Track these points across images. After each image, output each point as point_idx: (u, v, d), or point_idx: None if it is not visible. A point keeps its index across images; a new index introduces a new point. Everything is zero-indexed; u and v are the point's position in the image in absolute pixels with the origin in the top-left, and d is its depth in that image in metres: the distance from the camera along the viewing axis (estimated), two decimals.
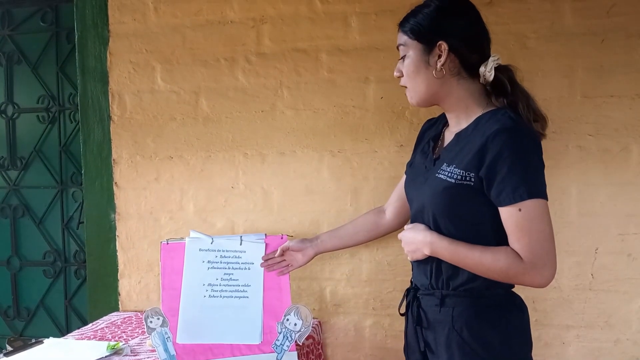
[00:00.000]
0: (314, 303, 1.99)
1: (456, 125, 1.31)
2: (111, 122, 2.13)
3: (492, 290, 1.26)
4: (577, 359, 1.79)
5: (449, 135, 1.34)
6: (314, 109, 1.96)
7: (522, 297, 1.34)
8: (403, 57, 1.30)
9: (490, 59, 1.26)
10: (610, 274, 1.76)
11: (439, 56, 1.24)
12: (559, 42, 1.76)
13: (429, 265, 1.31)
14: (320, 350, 1.91)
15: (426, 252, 1.27)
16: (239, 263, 1.62)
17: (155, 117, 2.10)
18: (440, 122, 1.43)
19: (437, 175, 1.26)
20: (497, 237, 1.22)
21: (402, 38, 1.30)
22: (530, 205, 1.14)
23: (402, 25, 1.31)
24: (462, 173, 1.20)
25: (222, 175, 2.05)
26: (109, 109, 2.13)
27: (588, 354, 1.78)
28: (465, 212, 1.23)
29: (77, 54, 2.17)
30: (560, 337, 1.80)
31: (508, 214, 1.17)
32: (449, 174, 1.22)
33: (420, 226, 1.31)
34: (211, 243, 1.63)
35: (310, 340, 1.80)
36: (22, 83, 2.45)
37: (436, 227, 1.28)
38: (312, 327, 1.59)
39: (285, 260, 1.64)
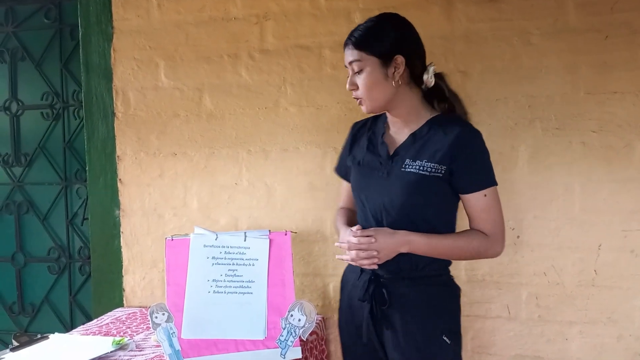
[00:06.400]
0: (318, 299, 2.00)
1: (404, 126, 1.46)
2: (115, 118, 2.14)
3: (443, 270, 1.47)
4: (579, 355, 1.80)
5: (399, 136, 1.47)
6: (317, 106, 1.96)
7: (526, 293, 1.38)
8: (358, 72, 1.40)
9: (430, 67, 1.42)
10: (613, 271, 1.76)
11: (396, 68, 1.38)
12: (562, 38, 1.76)
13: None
14: (324, 346, 1.92)
15: (404, 250, 1.38)
16: (243, 259, 1.62)
17: (159, 113, 2.10)
18: (373, 124, 1.56)
19: (403, 169, 1.40)
20: (453, 221, 1.45)
21: (357, 54, 1.40)
22: (492, 190, 1.39)
23: (354, 44, 1.41)
24: (435, 166, 1.37)
25: (226, 171, 2.05)
26: (113, 105, 2.14)
27: (591, 350, 1.79)
28: (432, 199, 1.40)
29: (80, 50, 2.17)
30: (563, 333, 1.81)
31: (475, 199, 1.39)
32: (420, 167, 1.38)
33: (386, 229, 1.40)
34: (215, 239, 1.63)
35: (314, 336, 1.80)
36: (26, 80, 2.46)
37: (407, 217, 1.40)
38: (315, 322, 1.59)
39: None
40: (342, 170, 1.66)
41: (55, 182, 2.44)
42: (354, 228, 1.42)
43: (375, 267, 1.40)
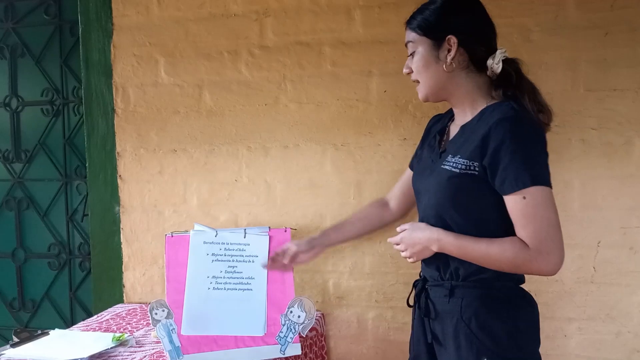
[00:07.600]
0: (317, 295, 2.00)
1: (462, 118, 1.33)
2: (115, 115, 2.14)
3: (502, 282, 1.26)
4: (578, 351, 1.80)
5: (454, 129, 1.35)
6: (317, 103, 1.96)
7: (525, 289, 1.34)
8: (412, 54, 1.32)
9: (498, 51, 1.27)
10: (612, 267, 1.77)
11: (449, 50, 1.26)
12: (562, 35, 1.76)
13: (437, 256, 1.31)
14: (324, 342, 1.93)
15: (434, 249, 1.27)
16: (242, 256, 1.63)
17: (159, 110, 2.10)
18: (446, 117, 1.45)
19: (442, 166, 1.27)
20: (504, 226, 1.21)
21: (410, 35, 1.32)
22: (533, 192, 1.15)
23: (409, 23, 1.33)
24: (467, 162, 1.21)
25: (226, 168, 2.06)
26: (112, 102, 2.14)
27: (589, 346, 1.79)
28: (471, 201, 1.24)
29: (80, 47, 2.17)
30: (562, 329, 1.81)
31: (513, 202, 1.17)
32: (454, 164, 1.23)
33: (421, 225, 1.32)
34: (215, 236, 1.64)
35: (314, 333, 1.81)
36: (26, 76, 2.46)
37: (441, 218, 1.28)
38: (315, 319, 1.60)
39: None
40: (411, 163, 1.58)
41: (55, 178, 2.44)
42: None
43: (412, 261, 1.34)
